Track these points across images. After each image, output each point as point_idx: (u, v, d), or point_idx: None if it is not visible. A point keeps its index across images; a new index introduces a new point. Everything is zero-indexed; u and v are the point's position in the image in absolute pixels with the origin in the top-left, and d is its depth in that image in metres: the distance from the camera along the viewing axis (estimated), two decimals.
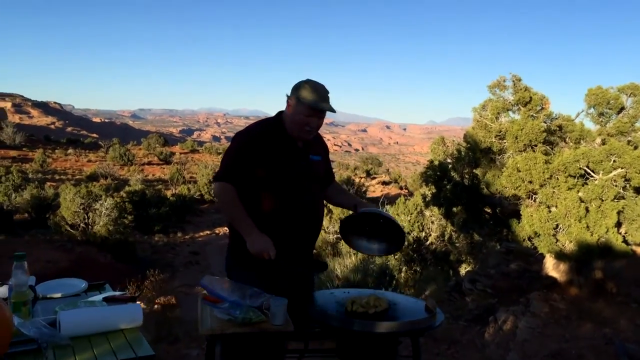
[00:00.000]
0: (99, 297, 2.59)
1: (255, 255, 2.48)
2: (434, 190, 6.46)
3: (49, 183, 30.73)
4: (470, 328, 5.45)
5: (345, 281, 6.59)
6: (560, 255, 5.48)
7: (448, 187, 6.25)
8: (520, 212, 5.45)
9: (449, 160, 7.07)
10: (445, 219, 7.35)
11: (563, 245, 5.31)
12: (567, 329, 4.95)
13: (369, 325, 2.27)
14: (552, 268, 5.99)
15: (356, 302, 2.46)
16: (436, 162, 6.53)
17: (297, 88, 2.69)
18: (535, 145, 5.55)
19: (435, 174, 6.27)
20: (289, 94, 2.71)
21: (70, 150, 47.14)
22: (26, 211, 24.03)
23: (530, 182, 5.21)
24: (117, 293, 2.74)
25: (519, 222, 5.54)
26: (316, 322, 2.36)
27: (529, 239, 5.47)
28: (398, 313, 2.48)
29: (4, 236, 20.58)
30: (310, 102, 2.60)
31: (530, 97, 5.63)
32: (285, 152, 2.69)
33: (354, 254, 7.36)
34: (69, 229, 21.04)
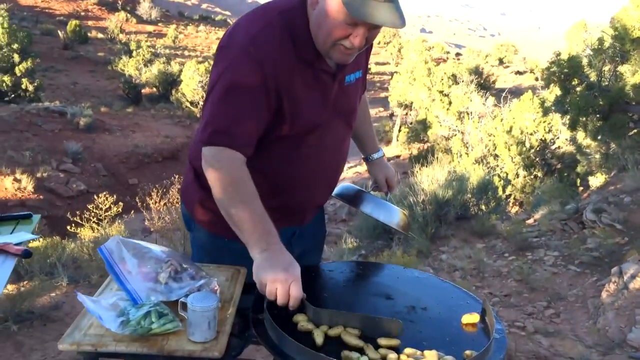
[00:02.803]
0: None
1: (262, 291, 1.40)
2: (558, 93, 4.94)
3: (178, 59, 31.51)
4: (584, 277, 4.20)
5: (432, 197, 5.48)
6: None
7: (578, 89, 4.70)
8: None
9: (588, 52, 5.41)
10: (570, 130, 5.81)
11: None
12: None
13: None
14: None
15: (347, 334, 1.37)
16: (564, 55, 4.94)
17: None
18: None
19: (562, 71, 4.72)
20: None
21: (201, 27, 48.06)
22: (154, 86, 24.99)
23: None
24: (28, 238, 1.91)
25: None
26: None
27: None
28: (414, 341, 1.39)
29: (132, 108, 21.62)
30: (355, 6, 1.36)
31: None
32: (310, 82, 1.56)
33: (454, 167, 6.14)
34: (189, 105, 21.65)
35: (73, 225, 4.69)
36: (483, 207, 6.04)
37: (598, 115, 4.70)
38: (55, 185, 12.59)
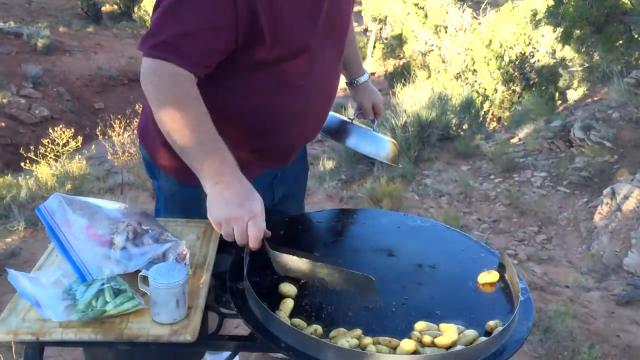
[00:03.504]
0: None
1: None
2: (550, 3, 4.60)
3: None
4: (573, 199, 4.06)
5: (415, 118, 5.21)
6: None
7: None
8: None
9: None
10: (563, 44, 5.50)
11: None
12: None
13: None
14: None
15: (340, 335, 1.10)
16: None
17: None
18: None
19: None
20: None
21: None
22: (114, 3, 23.60)
23: None
24: None
25: None
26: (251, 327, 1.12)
27: None
28: (425, 309, 1.17)
29: (93, 28, 20.50)
30: None
31: None
32: None
33: (432, 83, 5.85)
34: None
35: (28, 162, 4.29)
36: (466, 126, 5.81)
37: (592, 28, 4.40)
38: (16, 111, 12.02)
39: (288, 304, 1.13)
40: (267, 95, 1.35)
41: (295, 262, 1.19)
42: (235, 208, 1.16)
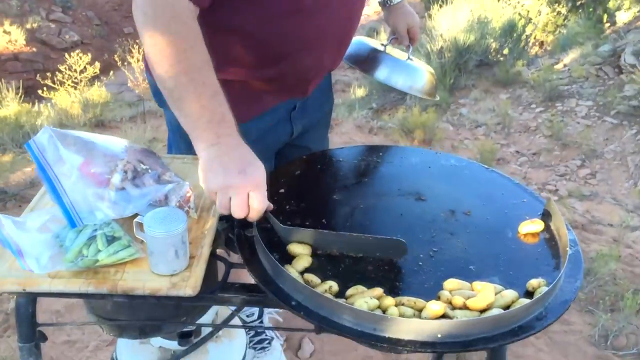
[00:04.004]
0: None
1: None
2: None
3: None
4: (621, 130, 3.79)
5: (452, 43, 4.89)
6: None
7: None
8: None
9: None
10: None
11: None
12: None
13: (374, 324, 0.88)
14: None
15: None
16: None
17: None
18: None
19: None
20: None
21: None
22: None
23: None
24: None
25: None
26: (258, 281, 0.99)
27: None
28: (458, 264, 1.03)
29: None
30: None
31: None
32: None
33: (471, 5, 5.45)
34: None
35: (45, 89, 4.16)
36: (506, 51, 5.46)
37: None
38: (47, 36, 11.99)
39: (303, 258, 1.01)
40: (280, 19, 1.17)
41: (307, 233, 1.05)
42: (235, 175, 0.98)
